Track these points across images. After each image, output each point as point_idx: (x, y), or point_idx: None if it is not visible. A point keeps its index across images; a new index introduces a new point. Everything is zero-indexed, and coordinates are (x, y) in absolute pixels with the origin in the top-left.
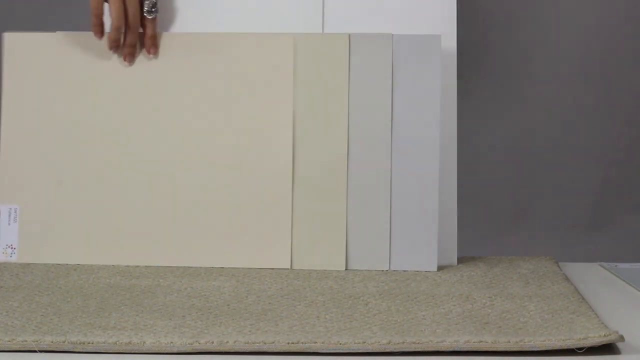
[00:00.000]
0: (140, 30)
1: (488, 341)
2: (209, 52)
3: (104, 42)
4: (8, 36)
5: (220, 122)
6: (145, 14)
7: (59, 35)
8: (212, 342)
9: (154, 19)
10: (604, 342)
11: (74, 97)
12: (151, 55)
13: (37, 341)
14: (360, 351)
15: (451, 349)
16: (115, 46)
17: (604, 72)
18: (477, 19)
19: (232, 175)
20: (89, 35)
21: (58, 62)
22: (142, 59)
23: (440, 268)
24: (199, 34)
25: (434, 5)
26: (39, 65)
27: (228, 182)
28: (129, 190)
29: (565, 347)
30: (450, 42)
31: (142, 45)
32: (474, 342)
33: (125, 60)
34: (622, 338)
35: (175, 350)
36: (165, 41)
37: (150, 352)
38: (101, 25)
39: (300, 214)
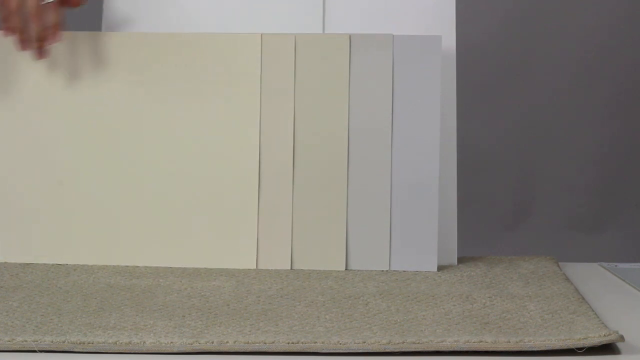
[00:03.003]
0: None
1: (488, 341)
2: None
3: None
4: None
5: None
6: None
7: None
8: (212, 342)
9: (53, 5)
10: (604, 342)
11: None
12: (48, 46)
13: (37, 341)
14: (360, 351)
15: (451, 349)
16: (21, 41)
17: (604, 72)
18: (476, 20)
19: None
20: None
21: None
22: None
23: (440, 268)
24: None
25: (433, 5)
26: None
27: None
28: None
29: (565, 347)
30: (449, 42)
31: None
32: (474, 342)
33: (38, 57)
34: (622, 338)
35: (175, 350)
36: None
37: (150, 352)
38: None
39: (300, 214)
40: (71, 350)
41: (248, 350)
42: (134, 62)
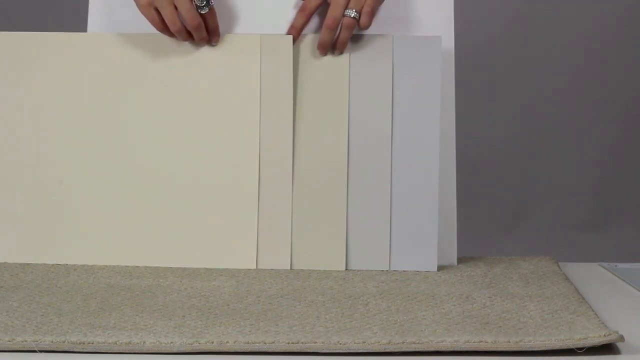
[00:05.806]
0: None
1: (488, 341)
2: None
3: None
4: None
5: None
6: (198, 11)
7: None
8: (212, 342)
9: (210, 13)
10: (604, 342)
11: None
12: (213, 44)
13: (37, 341)
14: (360, 351)
15: (451, 349)
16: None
17: (603, 72)
18: (476, 20)
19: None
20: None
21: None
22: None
23: (440, 268)
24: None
25: (432, 6)
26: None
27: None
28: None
29: (565, 347)
30: (448, 43)
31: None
32: (474, 342)
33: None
34: (622, 338)
35: (175, 350)
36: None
37: (150, 352)
38: (168, 30)
39: (300, 214)
40: (71, 350)
41: (248, 350)
42: (133, 63)
